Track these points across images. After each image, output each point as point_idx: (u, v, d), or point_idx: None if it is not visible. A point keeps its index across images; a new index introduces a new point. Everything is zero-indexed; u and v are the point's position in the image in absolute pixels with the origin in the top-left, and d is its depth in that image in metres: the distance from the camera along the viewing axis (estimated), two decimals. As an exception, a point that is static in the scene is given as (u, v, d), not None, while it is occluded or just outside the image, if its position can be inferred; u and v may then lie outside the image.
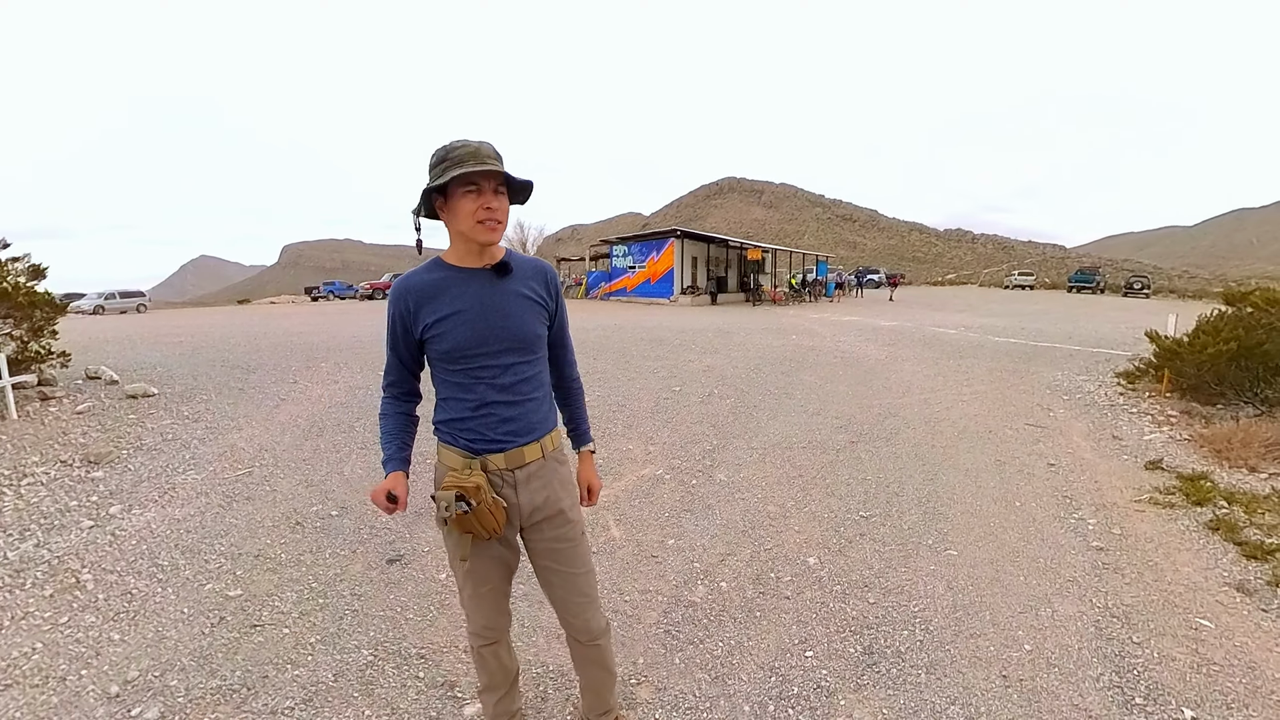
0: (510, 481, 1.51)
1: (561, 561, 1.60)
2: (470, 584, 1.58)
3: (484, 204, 1.40)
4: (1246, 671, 2.25)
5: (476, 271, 1.48)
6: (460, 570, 1.57)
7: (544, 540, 1.59)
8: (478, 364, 1.46)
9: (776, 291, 27.82)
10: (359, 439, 4.83)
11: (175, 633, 2.41)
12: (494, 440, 1.48)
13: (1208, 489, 3.88)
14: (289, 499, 3.71)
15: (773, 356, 9.15)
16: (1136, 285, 38.04)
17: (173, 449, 4.54)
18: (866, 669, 2.23)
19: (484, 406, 1.48)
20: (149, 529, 3.29)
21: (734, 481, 4.09)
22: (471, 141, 1.41)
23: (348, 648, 2.30)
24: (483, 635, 1.64)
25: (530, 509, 1.54)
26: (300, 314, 19.85)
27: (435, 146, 1.44)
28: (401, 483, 1.53)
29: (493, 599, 1.61)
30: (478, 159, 1.37)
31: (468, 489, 1.42)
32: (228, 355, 8.40)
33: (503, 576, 1.61)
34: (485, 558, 1.54)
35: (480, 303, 1.46)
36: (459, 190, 1.39)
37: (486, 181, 1.40)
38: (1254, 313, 5.92)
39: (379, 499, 1.49)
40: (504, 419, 1.48)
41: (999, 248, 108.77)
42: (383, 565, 2.92)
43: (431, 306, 1.46)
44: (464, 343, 1.44)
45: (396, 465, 1.56)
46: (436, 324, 1.45)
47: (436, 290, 1.46)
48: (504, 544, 1.57)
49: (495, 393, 1.47)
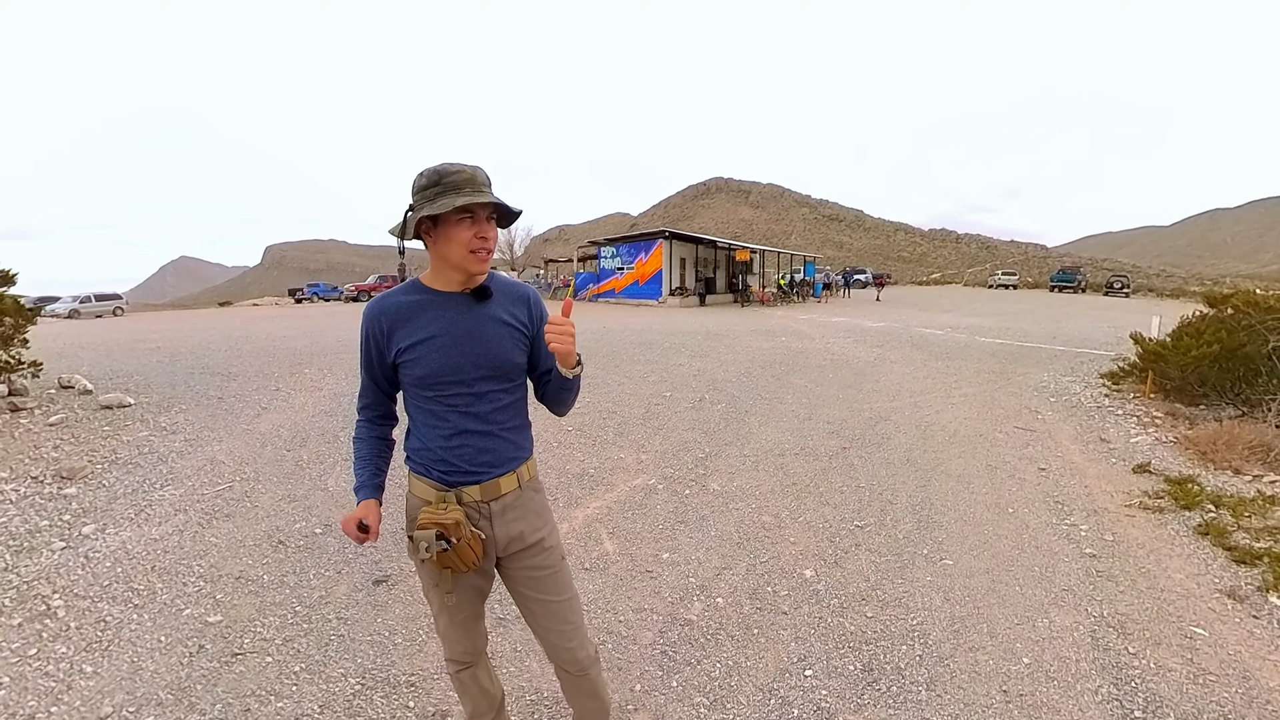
0: (486, 514, 1.46)
1: (541, 590, 1.55)
2: (446, 614, 1.54)
3: (479, 233, 1.35)
4: (1241, 681, 2.25)
5: (454, 296, 1.42)
6: (436, 599, 1.52)
7: (522, 569, 1.54)
8: (451, 392, 1.40)
9: (764, 292, 27.91)
10: (343, 450, 4.71)
11: (152, 663, 2.31)
12: (468, 471, 1.43)
13: (1195, 492, 3.92)
14: (271, 516, 3.60)
15: (763, 359, 9.15)
16: (1117, 285, 38.76)
17: (149, 463, 4.40)
18: (866, 687, 2.20)
19: (458, 436, 1.42)
20: (124, 550, 3.18)
21: (727, 491, 4.05)
22: (466, 167, 1.35)
23: (334, 676, 2.22)
24: (459, 661, 1.61)
25: (506, 540, 1.49)
26: (283, 317, 19.54)
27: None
28: (374, 511, 1.48)
29: (468, 626, 1.58)
30: (474, 186, 1.32)
31: (447, 526, 1.36)
32: (207, 361, 8.21)
33: (477, 604, 1.58)
34: (461, 587, 1.50)
35: (456, 328, 1.40)
36: (454, 218, 1.34)
37: (481, 209, 1.35)
38: (1235, 315, 6.01)
39: (349, 528, 1.44)
40: (480, 449, 1.43)
41: (983, 247, 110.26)
42: (369, 586, 2.84)
43: (405, 330, 1.40)
44: (438, 369, 1.39)
45: (369, 492, 1.50)
46: (410, 349, 1.39)
47: (411, 313, 1.41)
48: (479, 573, 1.52)
49: (470, 421, 1.42)
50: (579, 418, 5.57)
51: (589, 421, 5.50)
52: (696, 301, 25.07)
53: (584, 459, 4.58)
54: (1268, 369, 5.50)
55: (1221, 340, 5.74)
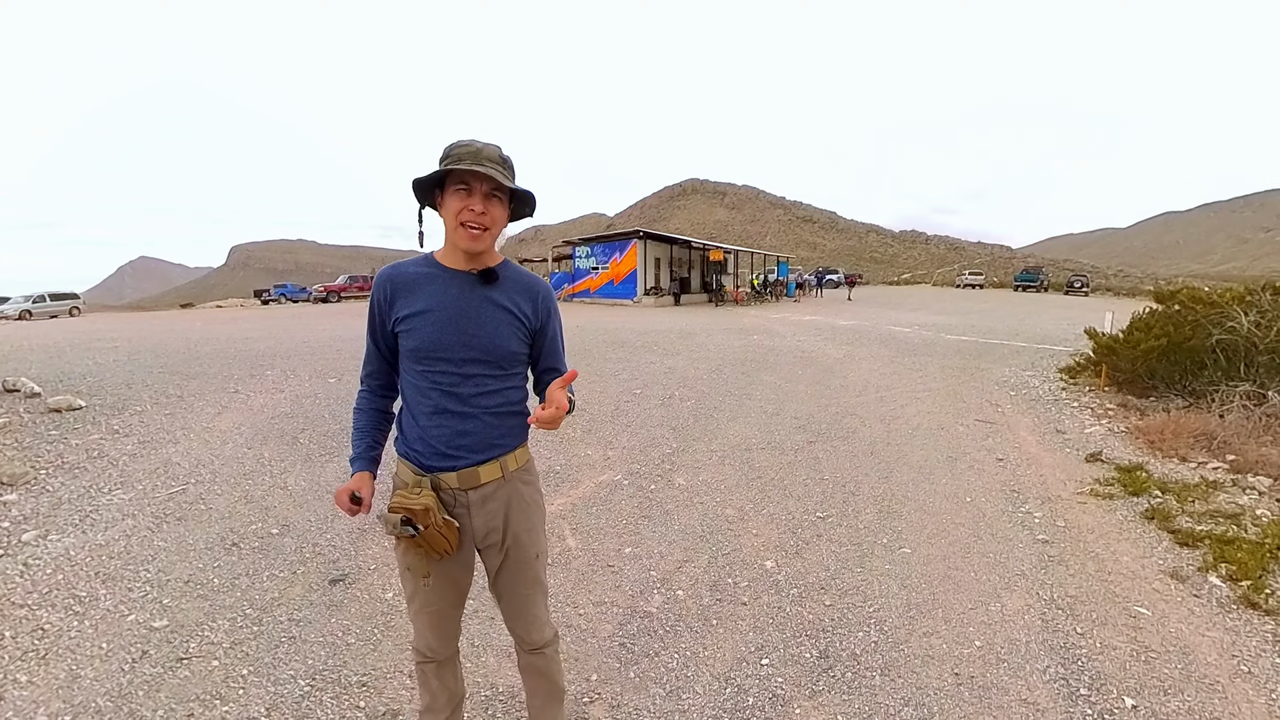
0: (464, 502, 1.44)
1: (511, 580, 1.54)
2: (418, 600, 1.50)
3: (469, 205, 1.34)
4: (1181, 657, 2.33)
5: (459, 274, 1.42)
6: (410, 582, 1.49)
7: (497, 560, 1.52)
8: (439, 369, 1.39)
9: (739, 292, 28.14)
10: (303, 450, 4.61)
11: (91, 671, 2.22)
12: (445, 454, 1.40)
13: (1143, 479, 4.06)
14: (226, 518, 3.50)
15: (734, 357, 9.21)
16: (1077, 284, 40.10)
17: (99, 467, 4.24)
18: (822, 674, 2.22)
19: (437, 414, 1.40)
20: (66, 556, 3.05)
21: (693, 485, 4.06)
22: (478, 142, 1.35)
23: (283, 678, 2.16)
24: (425, 653, 1.57)
25: (484, 531, 1.47)
26: (248, 318, 19.01)
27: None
28: (367, 483, 1.46)
29: (439, 620, 1.53)
30: (475, 160, 1.32)
31: (415, 512, 1.34)
32: (166, 361, 7.94)
33: (453, 600, 1.54)
34: (436, 576, 1.47)
35: (454, 306, 1.39)
36: (451, 187, 1.35)
37: (477, 183, 1.34)
38: (1181, 310, 6.25)
39: (342, 500, 1.42)
40: (458, 431, 1.40)
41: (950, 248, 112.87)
42: (325, 586, 2.77)
43: (406, 300, 1.41)
44: (428, 343, 1.38)
45: (364, 465, 1.49)
46: (407, 319, 1.40)
47: (415, 284, 1.41)
48: (458, 563, 1.50)
49: (450, 401, 1.40)
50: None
51: (558, 419, 5.47)
52: (671, 301, 25.16)
53: (550, 457, 4.55)
54: (1212, 361, 5.74)
55: (1169, 334, 5.98)
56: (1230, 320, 5.70)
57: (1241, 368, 5.52)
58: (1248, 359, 5.55)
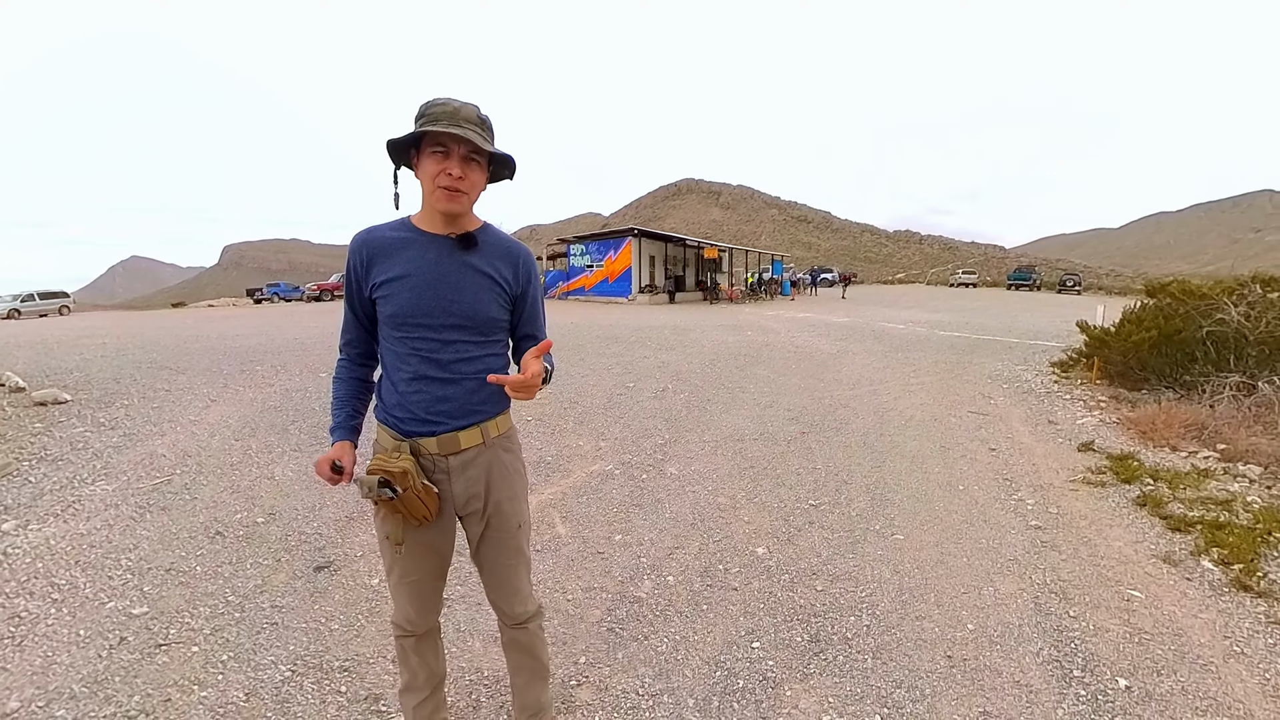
0: (444, 468, 1.41)
1: (493, 549, 1.51)
2: (397, 569, 1.47)
3: (446, 169, 1.30)
4: (1174, 638, 2.32)
5: (438, 238, 1.38)
6: (388, 552, 1.46)
7: (478, 529, 1.49)
8: (418, 334, 1.36)
9: (733, 290, 28.14)
10: (293, 441, 4.56)
11: (67, 657, 2.17)
12: (424, 420, 1.38)
13: (1135, 468, 4.06)
14: (210, 507, 3.44)
15: (727, 352, 9.19)
16: (1069, 283, 40.38)
17: (83, 458, 4.17)
18: (813, 657, 2.19)
19: (417, 380, 1.37)
20: (46, 545, 2.99)
21: (685, 475, 4.03)
22: (455, 101, 1.31)
23: (263, 664, 2.12)
24: (403, 626, 1.53)
25: (465, 498, 1.44)
26: (240, 316, 18.86)
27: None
28: (348, 452, 1.43)
29: (418, 591, 1.50)
30: (452, 120, 1.27)
31: (393, 474, 1.32)
32: (155, 357, 7.85)
33: (433, 570, 1.50)
34: (416, 544, 1.44)
35: (432, 270, 1.36)
36: (427, 149, 1.30)
37: (455, 146, 1.29)
38: (1172, 303, 6.27)
39: (322, 469, 1.39)
40: (438, 397, 1.37)
41: (944, 248, 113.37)
42: (309, 574, 2.73)
43: (384, 265, 1.37)
44: (407, 308, 1.35)
45: (344, 434, 1.47)
46: (385, 284, 1.36)
47: (392, 249, 1.37)
48: (438, 531, 1.46)
49: (430, 367, 1.37)
50: (539, 408, 5.50)
51: (549, 411, 5.42)
52: (666, 299, 25.13)
53: (542, 447, 4.52)
54: (1202, 353, 5.75)
55: (1160, 326, 5.99)
56: (1220, 312, 5.72)
57: (1231, 359, 5.54)
58: (1237, 350, 5.57)
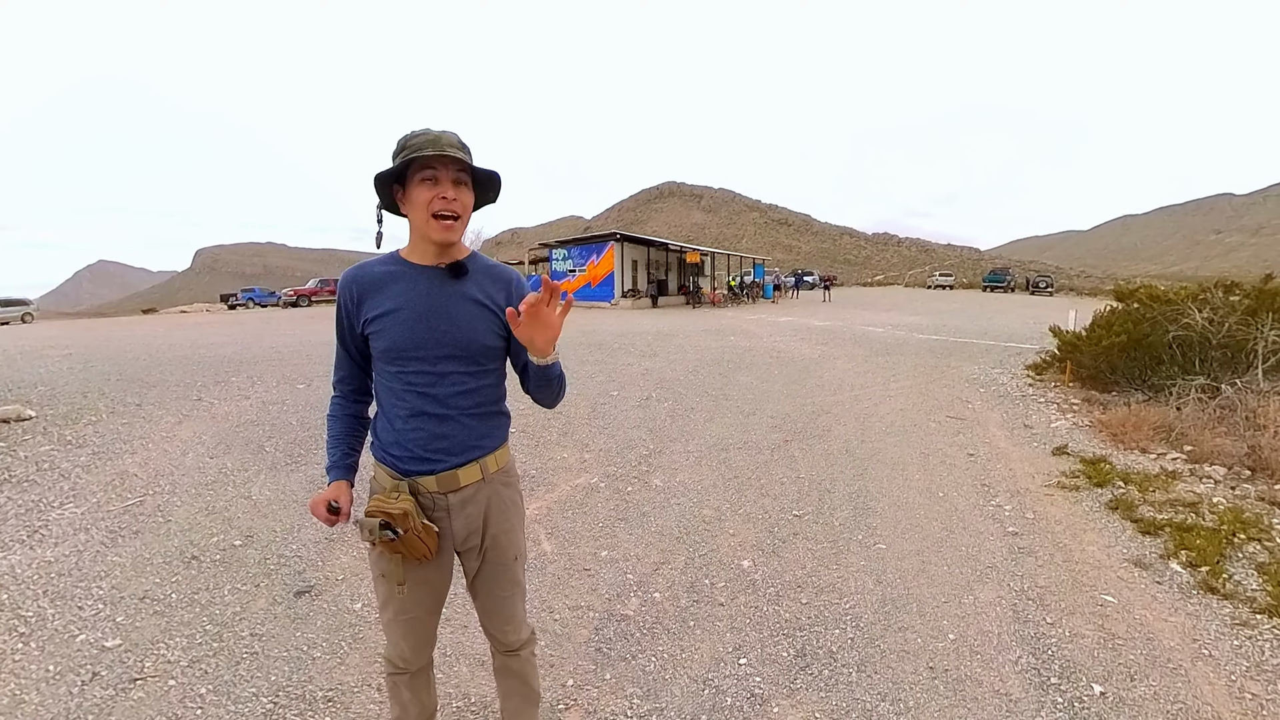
0: (443, 506, 1.39)
1: (489, 582, 1.51)
2: (393, 607, 1.45)
3: (440, 194, 1.29)
4: (1145, 643, 2.39)
5: (427, 269, 1.37)
6: (383, 589, 1.44)
7: (475, 563, 1.49)
8: (413, 369, 1.34)
9: (715, 294, 28.29)
10: (269, 459, 4.47)
11: (37, 695, 2.09)
12: (424, 459, 1.36)
13: (1107, 471, 4.17)
14: (185, 530, 3.36)
15: (710, 358, 9.24)
16: (1041, 284, 41.36)
17: (49, 480, 4.04)
18: (799, 672, 2.22)
19: (415, 418, 1.36)
20: (11, 575, 2.89)
21: (670, 486, 4.05)
22: (433, 130, 1.30)
23: (243, 696, 2.07)
24: (396, 664, 1.51)
25: (465, 535, 1.43)
26: (214, 324, 18.44)
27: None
28: (345, 492, 1.42)
29: (414, 628, 1.48)
30: (436, 147, 1.27)
31: (394, 516, 1.30)
32: (124, 369, 7.64)
33: (429, 606, 1.49)
34: (413, 581, 1.42)
35: (424, 303, 1.34)
36: (415, 178, 1.29)
37: (444, 170, 1.29)
38: (1140, 308, 6.46)
39: (318, 510, 1.36)
40: (436, 434, 1.36)
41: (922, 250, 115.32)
42: (290, 599, 2.68)
43: (374, 300, 1.36)
44: (399, 343, 1.33)
45: (340, 473, 1.44)
46: (377, 319, 1.35)
47: (382, 283, 1.36)
48: (435, 568, 1.45)
49: (427, 403, 1.35)
50: (522, 419, 5.46)
51: (532, 422, 5.40)
52: (648, 303, 25.18)
53: (525, 460, 4.49)
54: (1169, 356, 5.93)
55: (1129, 331, 6.17)
56: (1185, 317, 5.90)
57: (1196, 362, 5.72)
58: (1202, 354, 5.76)
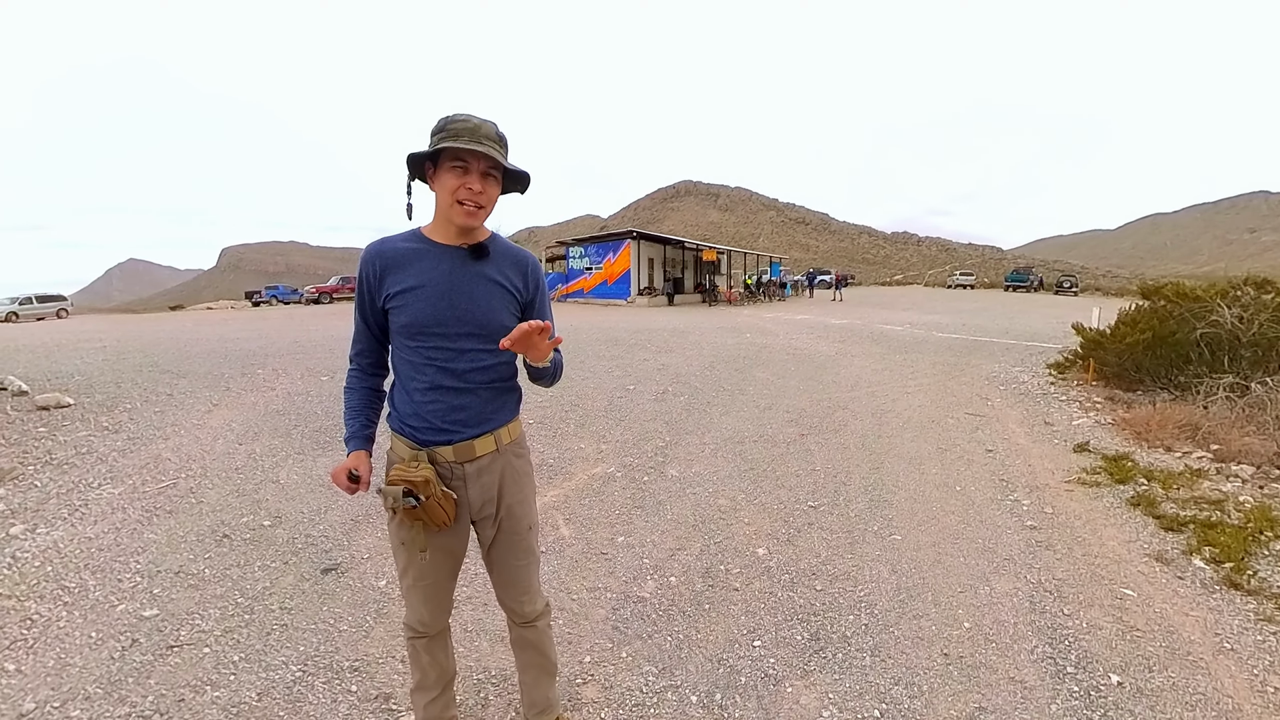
0: (460, 475, 1.46)
1: (504, 551, 1.57)
2: (412, 573, 1.52)
3: (466, 184, 1.34)
4: (1166, 635, 2.37)
5: (450, 249, 1.42)
6: (403, 556, 1.51)
7: (490, 532, 1.55)
8: (432, 344, 1.40)
9: (732, 292, 28.21)
10: (296, 445, 4.59)
11: (80, 659, 2.20)
12: (441, 429, 1.42)
13: (1129, 468, 4.11)
14: (217, 510, 3.48)
15: (727, 355, 9.25)
16: (1066, 284, 40.56)
17: (88, 463, 4.20)
18: (813, 655, 2.24)
19: (433, 390, 1.42)
20: (55, 549, 3.02)
21: (685, 477, 4.08)
22: (475, 118, 1.35)
23: (274, 664, 2.16)
24: (416, 628, 1.59)
25: (480, 503, 1.49)
26: (239, 319, 18.87)
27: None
28: (364, 461, 1.48)
29: (432, 593, 1.55)
30: (473, 137, 1.32)
31: (415, 483, 1.37)
32: (155, 361, 7.87)
33: (447, 571, 1.56)
34: (431, 548, 1.49)
35: (446, 281, 1.40)
36: (446, 164, 1.34)
37: (475, 161, 1.34)
38: (1167, 305, 6.33)
39: (339, 479, 1.43)
40: (453, 406, 1.42)
41: (942, 249, 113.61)
42: (317, 576, 2.77)
43: (396, 276, 1.41)
44: (421, 319, 1.39)
45: (359, 444, 1.51)
46: (399, 295, 1.40)
47: (405, 260, 1.41)
48: (453, 534, 1.51)
49: (446, 377, 1.41)
50: (540, 410, 5.54)
51: (551, 414, 5.47)
52: (664, 301, 25.19)
53: (543, 450, 4.56)
54: (1196, 354, 5.81)
55: (1154, 328, 6.05)
56: (1214, 314, 5.78)
57: (1225, 360, 5.60)
58: (1231, 352, 5.63)
